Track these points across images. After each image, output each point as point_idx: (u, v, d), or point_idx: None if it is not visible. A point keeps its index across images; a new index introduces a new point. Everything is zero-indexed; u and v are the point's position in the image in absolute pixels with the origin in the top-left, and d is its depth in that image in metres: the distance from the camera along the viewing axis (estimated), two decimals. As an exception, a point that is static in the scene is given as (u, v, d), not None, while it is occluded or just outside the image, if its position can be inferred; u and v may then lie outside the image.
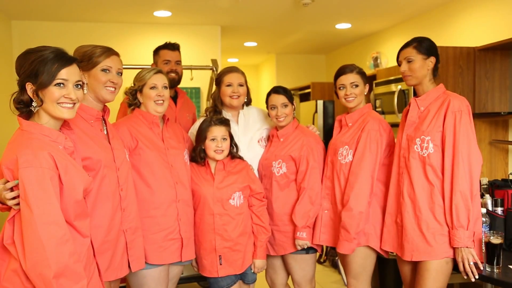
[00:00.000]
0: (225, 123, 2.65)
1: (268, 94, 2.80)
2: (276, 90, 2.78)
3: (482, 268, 2.21)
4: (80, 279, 1.65)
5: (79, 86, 1.80)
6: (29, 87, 1.71)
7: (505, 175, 3.82)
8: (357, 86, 2.62)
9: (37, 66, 1.70)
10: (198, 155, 2.64)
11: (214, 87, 2.99)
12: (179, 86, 3.39)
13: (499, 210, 2.61)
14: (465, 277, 2.20)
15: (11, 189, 1.66)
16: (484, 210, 2.48)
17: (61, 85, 1.73)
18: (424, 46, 2.36)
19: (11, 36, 5.12)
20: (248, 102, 2.95)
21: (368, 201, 2.49)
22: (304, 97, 6.95)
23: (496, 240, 2.23)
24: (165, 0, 4.53)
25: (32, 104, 1.73)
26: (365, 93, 2.67)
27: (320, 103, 6.01)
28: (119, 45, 4.49)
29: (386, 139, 2.56)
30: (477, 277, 2.17)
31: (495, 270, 2.23)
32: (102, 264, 2.01)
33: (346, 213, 2.49)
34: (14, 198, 1.66)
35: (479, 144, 2.29)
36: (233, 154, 2.68)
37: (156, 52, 3.36)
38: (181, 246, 2.46)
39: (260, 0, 4.50)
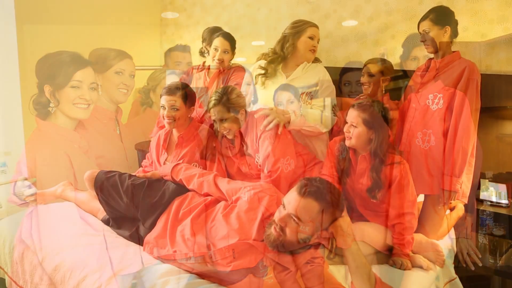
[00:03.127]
0: None
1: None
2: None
3: (479, 257, 2.23)
4: None
5: (94, 88, 1.88)
6: (47, 89, 1.78)
7: (512, 169, 3.80)
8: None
9: (54, 69, 1.77)
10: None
11: None
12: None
13: (503, 202, 2.63)
14: (464, 265, 2.22)
15: (29, 186, 1.74)
16: (488, 203, 2.51)
17: (76, 86, 1.82)
18: None
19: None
20: None
21: None
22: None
23: (498, 231, 2.24)
24: (175, 2, 4.54)
25: (50, 105, 1.81)
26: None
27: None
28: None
29: None
30: (480, 264, 2.21)
31: (498, 262, 2.24)
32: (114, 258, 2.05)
33: None
34: (32, 194, 1.74)
35: (486, 138, 2.33)
36: None
37: (168, 53, 3.40)
38: None
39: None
